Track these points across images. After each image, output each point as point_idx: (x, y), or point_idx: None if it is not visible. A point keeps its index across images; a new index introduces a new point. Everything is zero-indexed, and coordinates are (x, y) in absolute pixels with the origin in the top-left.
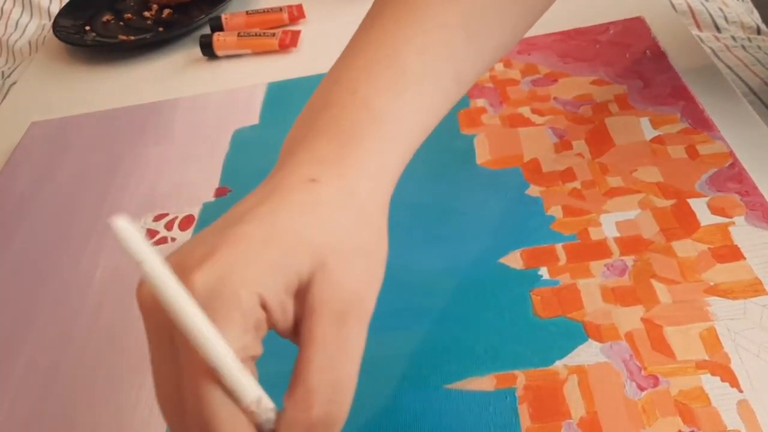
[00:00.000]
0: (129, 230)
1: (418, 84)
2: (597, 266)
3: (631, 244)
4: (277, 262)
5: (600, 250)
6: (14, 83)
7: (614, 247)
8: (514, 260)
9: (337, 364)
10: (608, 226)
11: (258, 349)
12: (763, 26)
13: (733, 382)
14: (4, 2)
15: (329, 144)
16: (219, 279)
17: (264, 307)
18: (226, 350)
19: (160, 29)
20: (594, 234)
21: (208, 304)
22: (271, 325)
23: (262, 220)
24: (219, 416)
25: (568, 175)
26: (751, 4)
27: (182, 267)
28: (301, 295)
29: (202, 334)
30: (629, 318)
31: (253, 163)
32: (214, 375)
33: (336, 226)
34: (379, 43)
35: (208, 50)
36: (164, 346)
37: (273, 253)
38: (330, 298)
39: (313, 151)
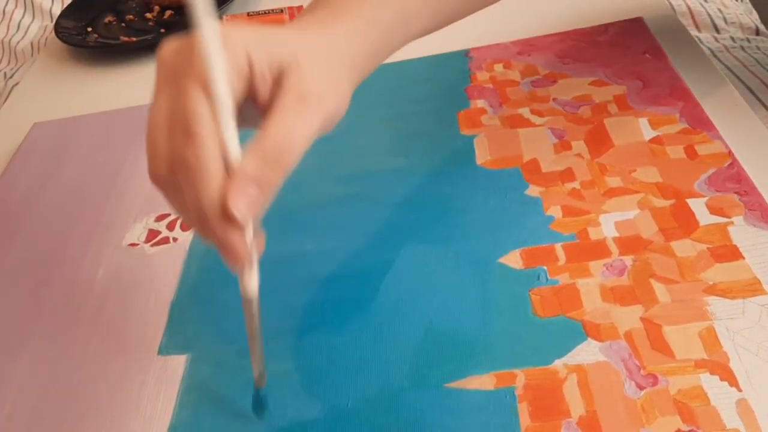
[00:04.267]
0: None
1: None
2: (596, 266)
3: (631, 243)
4: (266, 45)
5: (599, 249)
6: (16, 84)
7: (613, 247)
8: (513, 260)
9: (293, 125)
10: (607, 226)
11: (240, 94)
12: (762, 27)
13: (732, 381)
14: (6, 3)
15: (320, 12)
16: (224, 34)
17: (250, 66)
18: (224, 73)
19: (162, 30)
20: (593, 234)
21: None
22: (253, 90)
23: (262, 29)
24: (199, 113)
25: (567, 175)
26: (750, 5)
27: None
28: (277, 81)
29: (217, 54)
30: (628, 317)
31: None
32: (206, 88)
33: (315, 50)
34: None
35: None
36: (170, 85)
37: (265, 39)
38: (298, 83)
39: (307, 16)
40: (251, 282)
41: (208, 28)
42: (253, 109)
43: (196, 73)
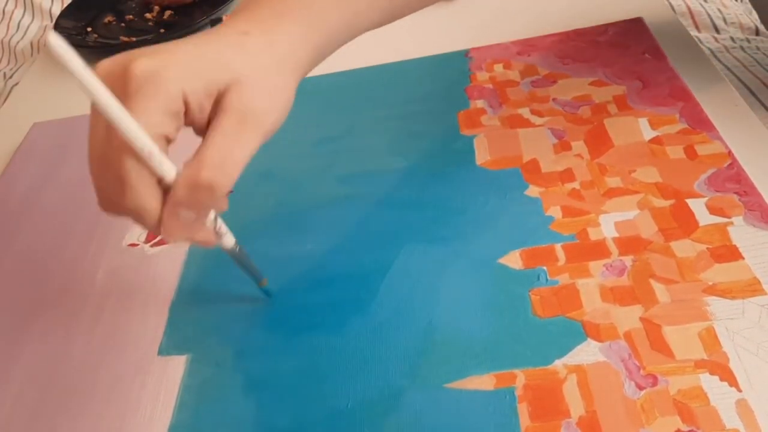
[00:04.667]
0: (63, 47)
1: None
2: (596, 266)
3: (630, 244)
4: (203, 72)
5: (599, 250)
6: (16, 84)
7: (613, 247)
8: (513, 260)
9: (230, 148)
10: (607, 226)
11: (172, 133)
12: (761, 27)
13: (732, 382)
14: (6, 3)
15: (263, 11)
16: (155, 70)
17: (185, 101)
18: (133, 123)
19: (162, 30)
20: (593, 234)
21: (141, 86)
22: (189, 121)
23: (197, 45)
24: (129, 168)
25: (567, 175)
26: (749, 5)
27: (128, 57)
28: (217, 102)
29: (117, 115)
30: (628, 317)
31: (254, 164)
32: (129, 148)
33: (255, 61)
34: None
35: None
36: (100, 129)
37: (201, 65)
38: (238, 103)
39: (249, 14)
40: (227, 243)
41: (103, 97)
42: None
43: (117, 142)
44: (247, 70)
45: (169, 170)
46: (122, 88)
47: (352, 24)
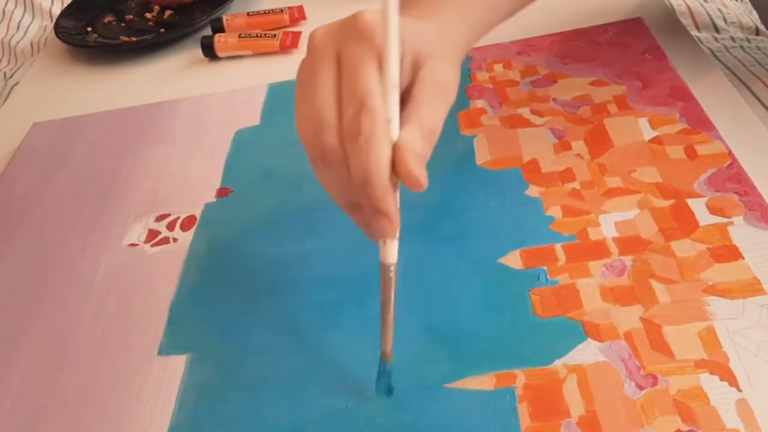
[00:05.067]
0: None
1: None
2: (596, 266)
3: (630, 244)
4: (412, 39)
5: (599, 250)
6: (16, 84)
7: (613, 247)
8: (513, 260)
9: (436, 115)
10: (607, 226)
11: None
12: (761, 27)
13: (732, 381)
14: (6, 3)
15: (426, 9)
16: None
17: (403, 55)
18: (397, 55)
19: (162, 30)
20: (593, 234)
21: (378, 30)
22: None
23: (404, 20)
24: (374, 88)
25: (567, 175)
26: (749, 5)
27: (354, 13)
28: (413, 70)
29: (396, 37)
30: (628, 317)
31: (255, 164)
32: (381, 66)
33: (437, 41)
34: None
35: (209, 51)
36: (334, 61)
37: (411, 33)
38: (433, 76)
39: (409, 9)
40: (393, 249)
41: (394, 8)
42: None
43: (370, 51)
44: (437, 47)
45: (396, 116)
46: (355, 34)
47: (492, 12)
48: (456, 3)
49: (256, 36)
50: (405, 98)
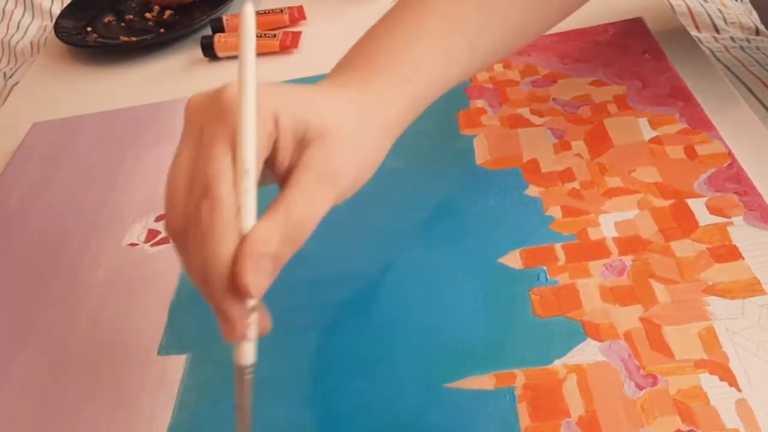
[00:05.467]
0: (251, 20)
1: (433, 41)
2: (596, 266)
3: (630, 244)
4: (295, 112)
5: (599, 250)
6: (16, 84)
7: (613, 247)
8: (513, 260)
9: (311, 208)
10: (607, 226)
11: (262, 155)
12: (761, 27)
13: (732, 381)
14: (6, 3)
15: (353, 73)
16: (256, 95)
17: (276, 132)
18: (254, 137)
19: (162, 30)
20: (593, 234)
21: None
22: (273, 153)
23: (294, 85)
24: (222, 175)
25: (567, 175)
26: (749, 5)
27: (218, 87)
28: (299, 149)
29: (252, 118)
30: (628, 317)
31: None
32: (233, 150)
33: (343, 119)
34: (407, 8)
35: (209, 51)
36: (195, 139)
37: (296, 105)
38: (320, 162)
39: (343, 71)
40: (246, 353)
41: (250, 90)
42: (266, 169)
43: (225, 132)
44: (334, 127)
45: (251, 206)
46: (217, 111)
47: (440, 81)
48: (391, 76)
49: (256, 36)
50: (285, 182)
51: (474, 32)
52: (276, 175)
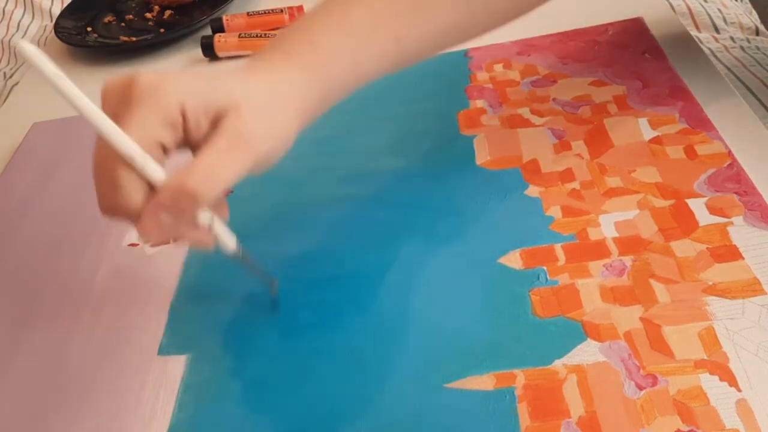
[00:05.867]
0: (38, 55)
1: (359, 33)
2: (596, 266)
3: (630, 244)
4: (203, 91)
5: (599, 250)
6: (16, 84)
7: (613, 247)
8: (513, 260)
9: (218, 164)
10: (607, 226)
11: (169, 143)
12: (761, 27)
13: (732, 382)
14: (6, 3)
15: (274, 55)
16: (157, 83)
17: (183, 115)
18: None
19: (162, 30)
20: (593, 234)
21: (142, 96)
22: (186, 134)
23: (203, 73)
24: (120, 172)
25: (567, 175)
26: (749, 5)
27: (134, 73)
28: (215, 123)
29: (116, 136)
30: (628, 317)
31: None
32: (118, 154)
33: (255, 94)
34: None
35: (209, 51)
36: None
37: (202, 85)
38: (233, 125)
39: (263, 54)
40: (227, 246)
41: (100, 121)
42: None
43: (111, 149)
44: (246, 99)
45: (158, 176)
46: (126, 98)
47: (361, 72)
48: (311, 62)
49: (256, 36)
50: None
51: (403, 28)
52: (190, 146)
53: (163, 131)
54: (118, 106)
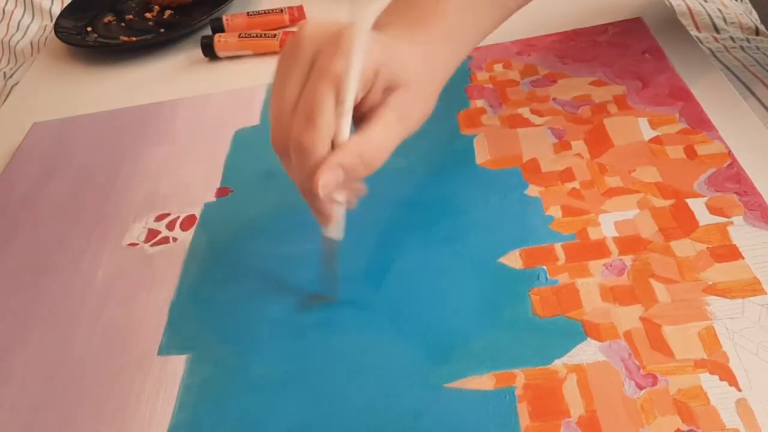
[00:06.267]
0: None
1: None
2: (596, 266)
3: (630, 243)
4: (391, 66)
5: (599, 249)
6: (16, 84)
7: (613, 247)
8: (513, 260)
9: (389, 137)
10: (607, 225)
11: (358, 98)
12: (761, 27)
13: (732, 381)
14: (6, 3)
15: (404, 23)
16: (365, 40)
17: (373, 83)
18: (356, 82)
19: (162, 30)
20: (593, 234)
21: (355, 50)
22: (365, 97)
23: (389, 44)
24: (325, 107)
25: (567, 175)
26: (749, 5)
27: (338, 21)
28: (382, 94)
29: (358, 66)
30: (628, 317)
31: (254, 164)
32: (337, 84)
33: (419, 70)
34: None
35: (209, 51)
36: (304, 64)
37: (391, 60)
38: (401, 105)
39: (394, 29)
40: (334, 232)
41: (362, 40)
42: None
43: (335, 69)
44: (414, 76)
45: (347, 133)
46: (334, 44)
47: (477, 40)
48: (445, 26)
49: (256, 36)
50: (368, 117)
51: None
52: (357, 114)
53: (360, 89)
54: (322, 52)
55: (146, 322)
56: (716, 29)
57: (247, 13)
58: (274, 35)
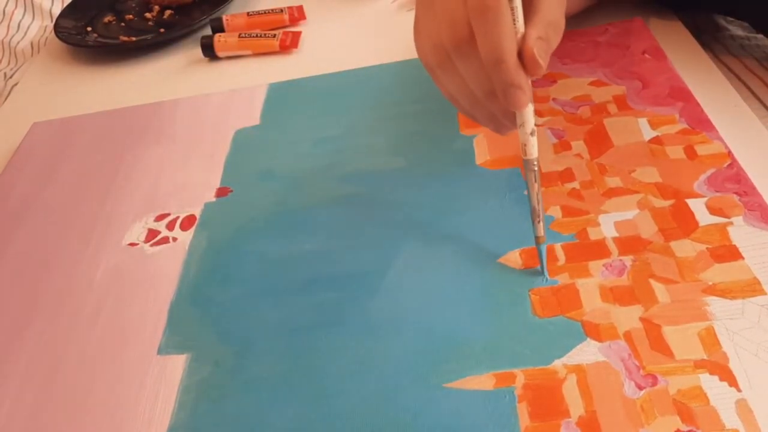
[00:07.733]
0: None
1: None
2: (596, 266)
3: (630, 244)
4: None
5: (599, 250)
6: (16, 84)
7: (613, 247)
8: (513, 260)
9: (558, 11)
10: (607, 226)
11: None
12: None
13: (732, 382)
14: (6, 4)
15: None
16: None
17: None
18: None
19: (161, 30)
20: (593, 234)
21: None
22: None
23: None
24: (507, 13)
25: (566, 175)
26: None
27: None
28: None
29: None
30: (628, 317)
31: (254, 164)
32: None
33: None
34: None
35: (209, 51)
36: None
37: None
38: None
39: None
40: (532, 148)
41: None
42: None
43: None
44: None
45: (521, 24)
46: None
47: None
48: None
49: (256, 36)
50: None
51: None
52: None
53: None
54: None
55: (146, 322)
56: (716, 28)
57: (247, 13)
58: (274, 35)
